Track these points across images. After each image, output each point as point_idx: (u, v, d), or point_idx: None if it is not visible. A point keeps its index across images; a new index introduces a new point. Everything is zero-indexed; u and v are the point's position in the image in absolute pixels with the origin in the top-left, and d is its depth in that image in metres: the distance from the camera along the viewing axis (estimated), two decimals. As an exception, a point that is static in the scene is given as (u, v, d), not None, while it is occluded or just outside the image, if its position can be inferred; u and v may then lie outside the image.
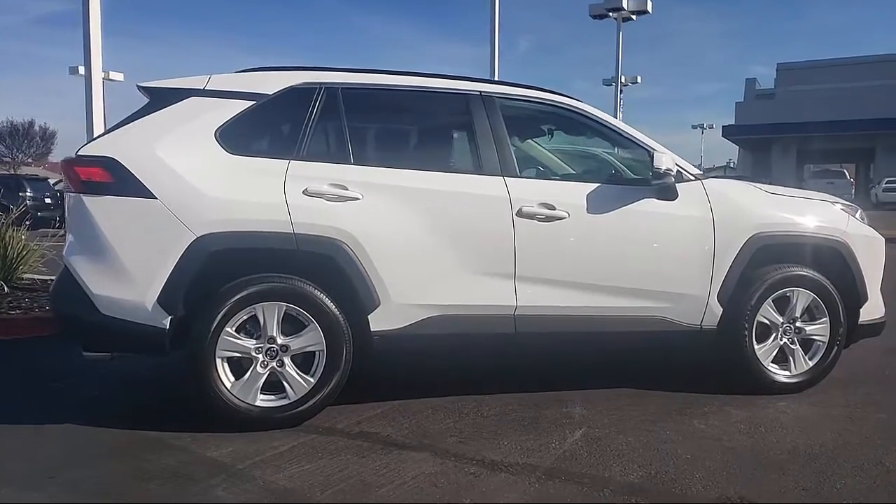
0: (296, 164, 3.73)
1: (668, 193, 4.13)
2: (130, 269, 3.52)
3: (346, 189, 3.72)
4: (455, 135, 4.12)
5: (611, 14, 23.86)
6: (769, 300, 4.28)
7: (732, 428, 3.76)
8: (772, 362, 4.33)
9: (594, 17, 24.02)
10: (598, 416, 3.89)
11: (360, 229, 3.69)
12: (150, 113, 3.72)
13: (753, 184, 4.48)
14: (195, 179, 3.58)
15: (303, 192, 3.67)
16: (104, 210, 3.53)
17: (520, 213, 3.91)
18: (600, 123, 4.27)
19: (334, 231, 3.66)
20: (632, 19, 24.01)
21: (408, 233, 3.78)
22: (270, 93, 3.81)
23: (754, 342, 4.26)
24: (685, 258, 4.17)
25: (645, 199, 4.11)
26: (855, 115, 36.29)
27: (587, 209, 4.02)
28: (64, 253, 3.70)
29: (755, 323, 4.26)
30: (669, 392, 4.32)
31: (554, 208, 3.96)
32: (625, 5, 23.45)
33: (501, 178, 3.96)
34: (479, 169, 3.97)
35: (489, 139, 3.99)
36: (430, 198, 3.83)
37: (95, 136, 3.74)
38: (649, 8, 23.85)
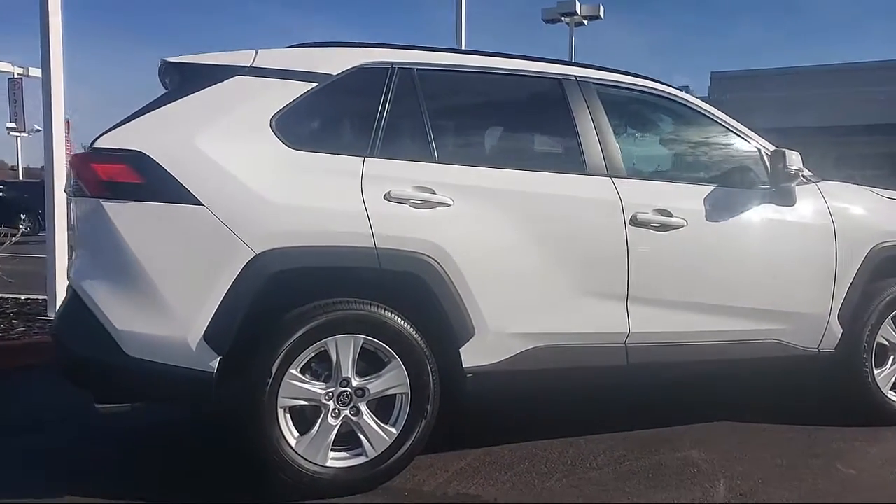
0: (372, 162, 2.98)
1: (788, 198, 3.56)
2: (168, 296, 2.69)
3: (434, 193, 2.99)
4: (551, 127, 3.44)
5: (563, 19, 23.68)
6: (889, 319, 3.77)
7: (882, 470, 3.22)
8: (890, 389, 3.82)
9: (547, 21, 23.80)
10: (724, 462, 3.28)
11: (451, 242, 2.97)
12: (185, 95, 2.90)
13: (867, 187, 3.96)
14: (251, 180, 2.79)
15: (384, 196, 2.93)
16: (131, 219, 2.70)
17: (633, 221, 3.26)
18: (709, 116, 3.66)
19: (422, 244, 2.93)
20: (583, 24, 23.88)
21: (506, 245, 3.08)
22: (335, 73, 3.05)
23: (873, 366, 3.74)
24: (806, 273, 3.62)
25: (764, 205, 3.54)
26: (789, 123, 37.29)
27: (706, 216, 3.41)
28: (72, 275, 2.85)
29: (875, 345, 3.74)
30: (775, 425, 3.77)
31: (671, 215, 3.33)
32: (578, 10, 23.33)
33: (609, 178, 3.31)
34: (582, 168, 3.30)
35: (591, 132, 3.34)
36: (530, 203, 3.15)
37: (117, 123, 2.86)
38: (601, 13, 23.81)
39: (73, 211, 2.99)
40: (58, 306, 6.04)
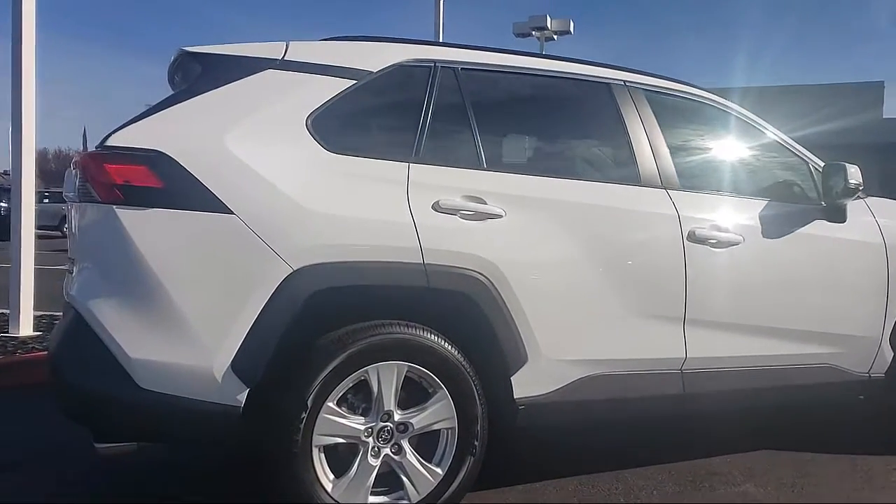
0: (417, 169, 2.66)
1: (840, 215, 3.35)
2: (190, 319, 2.33)
3: (485, 203, 2.69)
4: (602, 134, 3.16)
5: (534, 33, 23.63)
6: (938, 342, 3.59)
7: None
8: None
9: (518, 35, 23.71)
10: (784, 496, 3.03)
11: (503, 258, 2.67)
12: (209, 89, 2.54)
13: None
14: (287, 187, 2.44)
15: (432, 206, 2.61)
16: (148, 229, 2.33)
17: (691, 237, 3.01)
18: (757, 127, 3.44)
19: (473, 260, 2.62)
20: (553, 39, 23.85)
21: (560, 262, 2.79)
22: (374, 70, 2.72)
23: (922, 393, 3.56)
24: (859, 293, 3.41)
25: (816, 222, 3.32)
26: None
27: (761, 232, 3.18)
28: (73, 293, 2.45)
29: (923, 370, 3.56)
30: (818, 454, 3.52)
31: (727, 231, 3.08)
32: (549, 25, 23.32)
33: (664, 190, 3.05)
34: (637, 179, 3.03)
35: (643, 140, 3.08)
36: (585, 216, 2.87)
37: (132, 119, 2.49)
38: (571, 28, 23.84)
39: (75, 218, 2.59)
40: (22, 321, 5.64)
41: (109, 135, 2.41)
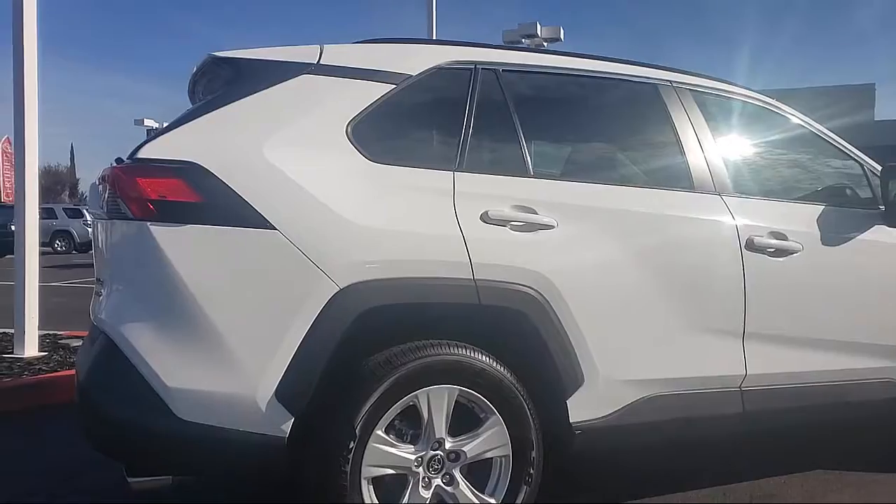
0: (462, 178, 2.50)
1: None
2: (232, 343, 2.15)
3: (536, 213, 2.52)
4: (652, 137, 3.00)
5: (524, 41, 23.54)
6: None
7: None
8: None
9: (508, 43, 23.62)
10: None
11: (557, 271, 2.50)
12: (243, 96, 2.38)
13: None
14: (331, 199, 2.28)
15: (481, 217, 2.45)
16: (185, 247, 2.16)
17: (749, 246, 2.85)
18: (810, 129, 3.29)
19: (526, 275, 2.46)
20: (544, 46, 23.78)
21: (616, 275, 2.63)
22: (414, 74, 2.57)
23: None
24: None
25: (876, 227, 3.17)
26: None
27: (820, 239, 3.02)
28: (103, 317, 2.27)
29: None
30: (871, 474, 3.34)
31: (786, 238, 2.93)
32: (539, 32, 23.25)
33: (718, 196, 2.89)
34: (690, 184, 2.87)
35: (694, 143, 2.92)
36: (640, 225, 2.71)
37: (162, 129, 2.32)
38: (562, 36, 23.78)
39: (102, 235, 2.42)
40: (27, 342, 5.42)
41: (140, 146, 2.24)
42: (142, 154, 2.21)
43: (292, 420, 2.20)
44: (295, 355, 2.18)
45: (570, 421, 2.56)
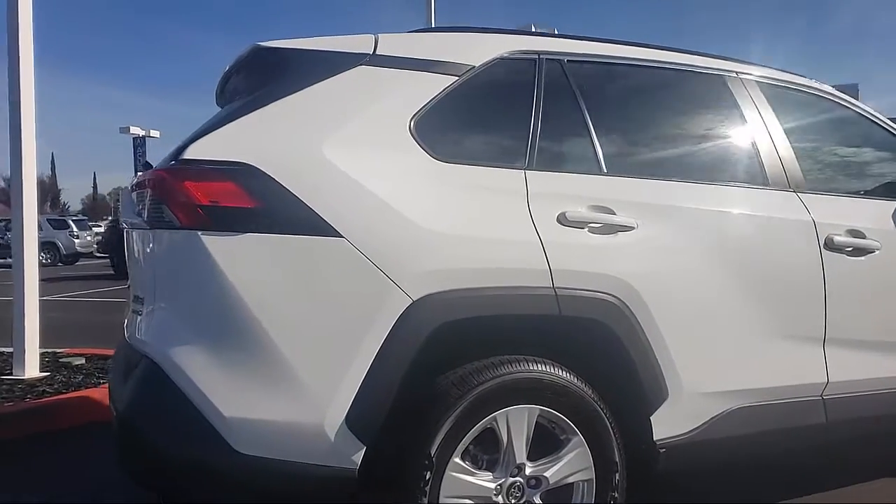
0: (535, 177, 2.28)
1: None
2: (296, 366, 1.92)
3: (614, 213, 2.31)
4: (723, 131, 2.79)
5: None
6: None
7: None
8: None
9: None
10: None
11: (639, 277, 2.29)
12: (295, 90, 2.14)
13: None
14: (398, 202, 2.05)
15: (558, 219, 2.23)
16: (242, 259, 1.92)
17: (828, 245, 2.66)
18: (879, 123, 3.10)
19: (607, 282, 2.25)
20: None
21: (697, 279, 2.42)
22: (477, 65, 2.35)
23: None
24: None
25: None
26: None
27: None
28: (146, 338, 2.02)
29: None
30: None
31: (864, 236, 2.74)
32: (530, 35, 23.12)
33: (794, 193, 2.70)
34: (764, 180, 2.68)
35: (765, 137, 2.73)
36: (720, 225, 2.51)
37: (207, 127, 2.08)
38: (553, 37, 23.62)
39: (139, 247, 2.18)
40: (28, 361, 5.12)
41: (184, 146, 2.00)
42: (188, 154, 1.97)
43: (363, 450, 1.97)
44: (366, 377, 1.95)
45: (654, 439, 2.35)
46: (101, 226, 29.07)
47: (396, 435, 2.01)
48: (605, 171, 2.41)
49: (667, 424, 2.36)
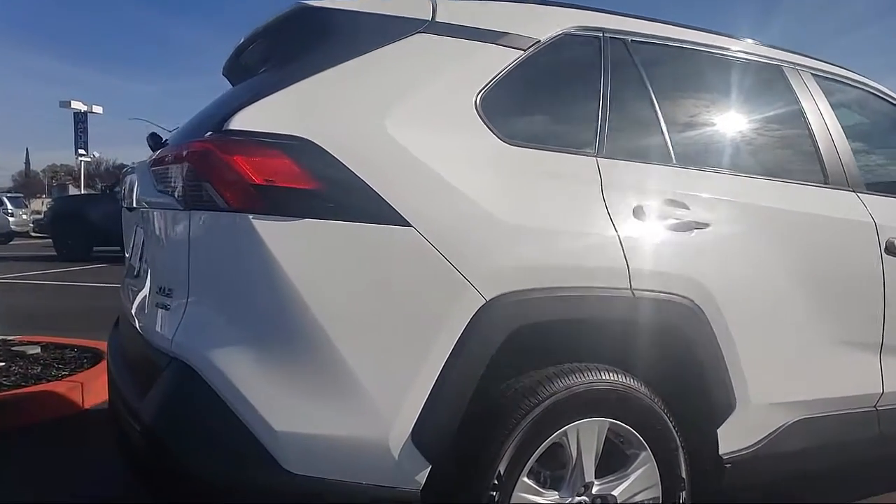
0: (607, 165, 2.07)
1: None
2: (359, 374, 1.66)
3: (688, 209, 2.12)
4: (782, 125, 2.62)
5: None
6: None
7: None
8: None
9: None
10: None
11: (714, 279, 2.11)
12: (348, 57, 1.87)
13: None
14: (469, 188, 1.81)
15: (634, 213, 2.03)
16: (300, 248, 1.65)
17: (889, 249, 2.53)
18: None
19: (683, 283, 2.06)
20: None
21: (768, 282, 2.26)
22: (542, 39, 2.12)
23: None
24: None
25: None
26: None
27: None
28: (178, 338, 1.73)
29: None
30: None
31: None
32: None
33: (854, 193, 2.56)
34: (823, 179, 2.53)
35: (825, 134, 2.58)
36: (789, 225, 2.35)
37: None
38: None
39: (168, 231, 1.88)
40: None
41: (229, 115, 1.71)
42: (236, 124, 1.69)
43: (429, 469, 1.73)
44: (434, 387, 1.71)
45: (720, 453, 2.17)
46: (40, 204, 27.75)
47: (461, 452, 1.78)
48: (675, 161, 2.21)
49: (732, 437, 2.19)
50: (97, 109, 33.04)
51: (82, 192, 30.54)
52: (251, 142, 1.66)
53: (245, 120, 1.69)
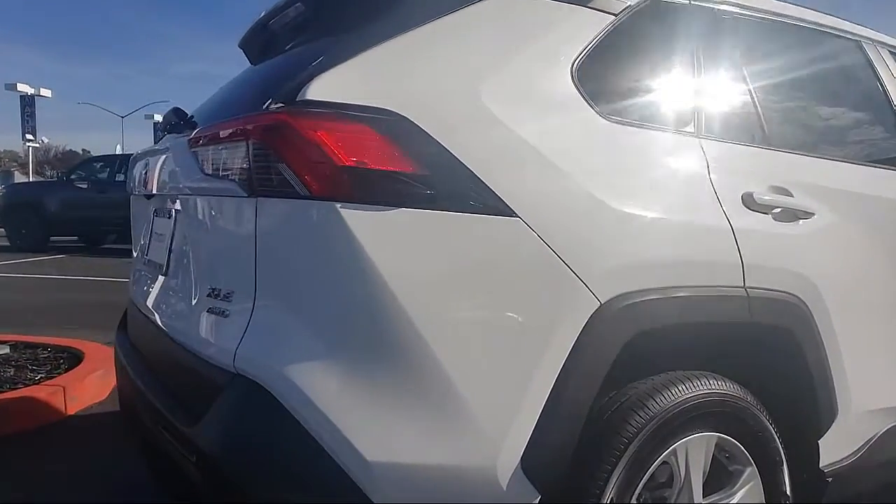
0: (710, 147, 1.84)
1: None
2: (464, 390, 1.40)
3: (792, 196, 1.91)
4: (868, 107, 2.41)
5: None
6: None
7: None
8: None
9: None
10: None
11: (822, 275, 1.91)
12: (429, 18, 1.59)
13: None
14: (575, 172, 1.56)
15: (743, 202, 1.80)
16: (397, 244, 1.38)
17: None
18: None
19: (791, 280, 1.85)
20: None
21: (872, 278, 2.07)
22: (633, 4, 1.87)
23: None
24: None
25: None
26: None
27: None
28: (243, 351, 1.44)
29: None
30: None
31: None
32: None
33: None
34: None
35: None
36: (889, 215, 2.15)
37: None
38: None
39: (221, 222, 1.59)
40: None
41: (302, 85, 1.41)
42: (314, 93, 1.40)
43: (538, 499, 1.48)
44: (546, 405, 1.46)
45: (821, 465, 1.98)
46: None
47: (568, 478, 1.54)
48: (771, 143, 1.99)
49: (832, 449, 2.00)
50: (45, 93, 31.77)
51: (30, 179, 29.39)
52: (337, 115, 1.38)
53: (323, 88, 1.40)
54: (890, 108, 2.36)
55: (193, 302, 1.66)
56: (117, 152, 22.06)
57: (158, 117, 52.68)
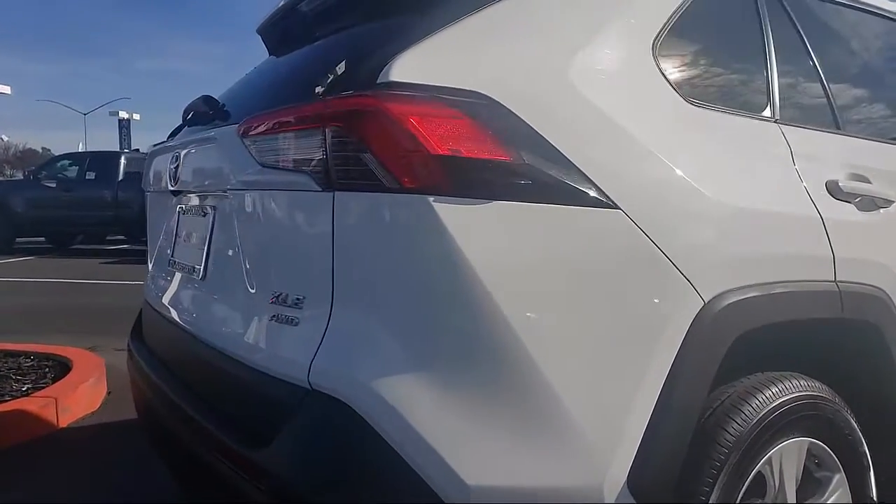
0: (790, 133, 1.72)
1: None
2: (570, 403, 1.26)
3: (870, 183, 1.80)
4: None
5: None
6: None
7: None
8: None
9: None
10: None
11: None
12: None
13: None
14: (671, 160, 1.42)
15: (828, 190, 1.69)
16: (495, 241, 1.23)
17: None
18: None
19: (876, 272, 1.75)
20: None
21: None
22: None
23: None
24: None
25: None
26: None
27: None
28: (320, 364, 1.27)
29: None
30: None
31: None
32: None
33: None
34: None
35: None
36: None
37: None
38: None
39: (286, 219, 1.42)
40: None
41: (384, 65, 1.25)
42: (398, 75, 1.23)
43: (640, 519, 1.35)
44: (653, 416, 1.33)
45: (900, 471, 1.88)
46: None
47: (672, 494, 1.40)
48: (844, 129, 1.89)
49: None
50: (4, 89, 30.89)
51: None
52: (429, 98, 1.22)
53: (408, 70, 1.25)
54: None
55: (247, 309, 1.49)
56: (80, 150, 21.46)
57: (124, 114, 51.48)
